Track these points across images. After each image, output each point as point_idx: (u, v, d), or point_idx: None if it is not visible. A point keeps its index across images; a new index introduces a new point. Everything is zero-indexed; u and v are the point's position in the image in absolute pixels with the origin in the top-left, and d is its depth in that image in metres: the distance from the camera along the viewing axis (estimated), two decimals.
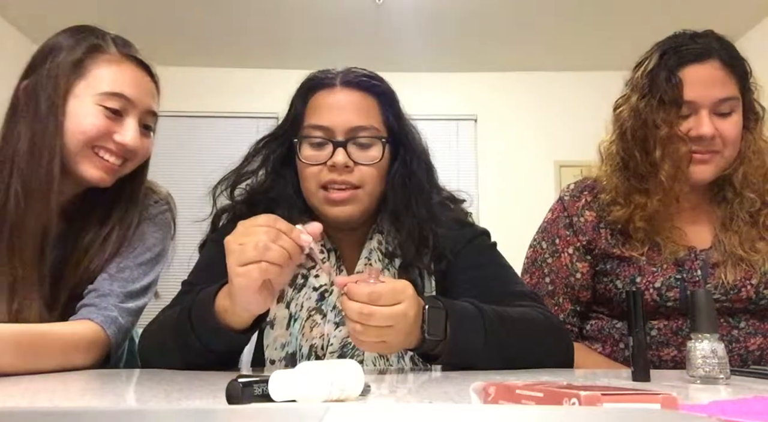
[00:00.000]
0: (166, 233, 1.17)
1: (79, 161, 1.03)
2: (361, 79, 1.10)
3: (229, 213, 1.14)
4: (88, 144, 1.02)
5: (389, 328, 0.79)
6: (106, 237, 1.08)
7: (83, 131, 1.02)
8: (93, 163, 1.04)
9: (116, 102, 1.03)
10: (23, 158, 1.00)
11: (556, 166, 4.81)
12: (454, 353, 0.87)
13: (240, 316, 0.85)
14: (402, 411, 0.45)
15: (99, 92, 1.03)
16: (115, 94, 1.03)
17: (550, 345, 0.97)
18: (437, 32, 4.34)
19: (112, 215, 1.10)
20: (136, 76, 1.07)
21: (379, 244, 1.10)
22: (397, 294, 0.79)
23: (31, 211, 1.00)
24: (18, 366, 0.84)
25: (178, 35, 4.35)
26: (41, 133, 1.00)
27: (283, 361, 1.02)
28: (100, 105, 1.02)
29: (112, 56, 1.05)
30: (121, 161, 1.06)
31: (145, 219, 1.14)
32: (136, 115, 1.06)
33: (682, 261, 1.18)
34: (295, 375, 0.53)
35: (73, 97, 1.02)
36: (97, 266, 1.07)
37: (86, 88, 1.03)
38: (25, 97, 1.03)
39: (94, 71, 1.04)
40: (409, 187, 1.10)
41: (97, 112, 1.02)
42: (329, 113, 1.06)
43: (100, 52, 1.05)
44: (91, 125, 1.02)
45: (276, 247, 0.78)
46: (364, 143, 1.06)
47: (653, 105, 1.14)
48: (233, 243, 0.80)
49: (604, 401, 0.43)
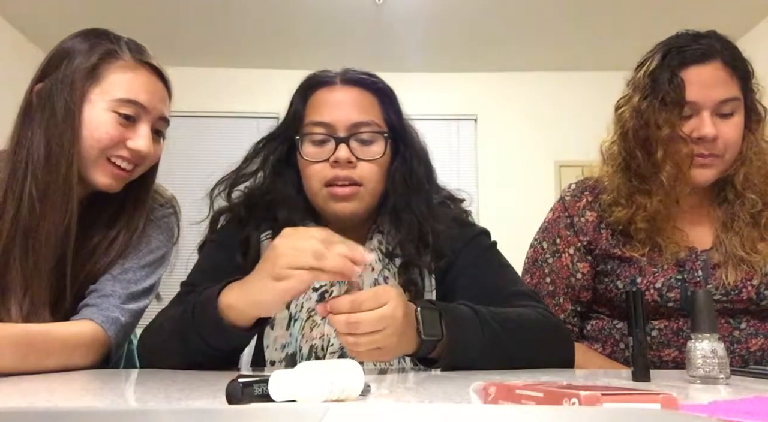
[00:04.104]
0: (170, 236, 1.18)
1: (91, 168, 1.03)
2: (361, 77, 1.11)
3: (227, 214, 1.14)
4: (101, 152, 1.03)
5: (380, 333, 0.78)
6: (113, 241, 1.09)
7: (98, 139, 1.02)
8: (105, 170, 1.04)
9: (130, 108, 1.03)
10: (39, 164, 1.00)
11: (556, 166, 4.81)
12: (453, 354, 0.86)
13: (246, 315, 0.85)
14: (402, 411, 0.45)
15: (113, 98, 1.03)
16: (129, 101, 1.03)
17: (549, 345, 0.97)
18: (437, 32, 4.34)
19: (120, 219, 1.10)
20: (149, 82, 1.07)
21: (379, 244, 1.10)
22: (380, 297, 0.78)
23: (47, 217, 0.99)
24: (18, 366, 0.84)
25: (178, 35, 4.35)
26: (58, 140, 1.00)
27: (283, 362, 1.02)
28: (114, 111, 1.02)
29: (126, 62, 1.05)
30: (132, 167, 1.06)
31: (149, 222, 1.14)
32: (149, 122, 1.06)
33: (683, 262, 1.18)
34: (295, 375, 0.53)
35: (88, 103, 1.02)
36: (100, 268, 1.07)
37: (101, 94, 1.03)
38: (39, 100, 1.02)
39: (108, 77, 1.03)
40: (409, 185, 1.10)
41: (110, 119, 1.02)
42: (330, 110, 1.06)
43: (115, 58, 1.04)
44: (105, 134, 1.02)
45: (334, 256, 0.77)
46: (365, 139, 1.06)
47: (655, 105, 1.14)
48: (285, 247, 0.79)
49: (604, 401, 0.43)
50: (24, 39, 4.05)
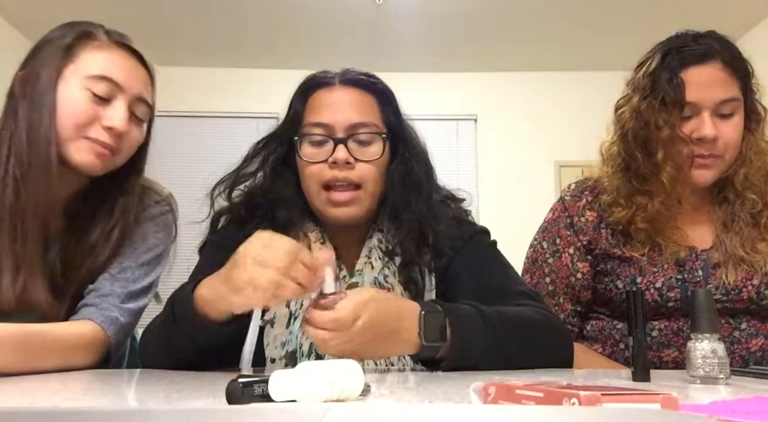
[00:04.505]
0: (168, 234, 1.17)
1: (71, 147, 1.02)
2: (360, 78, 1.11)
3: (227, 214, 1.14)
4: (76, 129, 1.01)
5: (352, 341, 0.80)
6: (110, 231, 1.08)
7: (72, 116, 1.01)
8: (84, 148, 1.02)
9: (103, 86, 1.02)
10: (21, 147, 1.00)
11: (556, 166, 4.81)
12: (456, 356, 0.87)
13: (218, 309, 0.85)
14: (402, 411, 0.45)
15: (87, 75, 1.02)
16: (103, 78, 1.02)
17: (549, 345, 0.97)
18: (437, 32, 4.34)
19: (115, 208, 1.10)
20: (125, 62, 1.06)
21: (379, 243, 1.10)
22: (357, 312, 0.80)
23: (30, 198, 1.00)
24: (18, 366, 0.84)
25: (179, 35, 4.35)
26: (37, 122, 1.00)
27: (284, 360, 1.02)
28: (87, 89, 1.01)
29: (102, 43, 1.05)
30: (112, 146, 1.04)
31: (146, 220, 1.14)
32: (125, 100, 1.04)
33: (683, 262, 1.18)
34: (295, 375, 0.53)
35: (63, 81, 1.02)
36: (100, 261, 1.07)
37: (75, 72, 1.02)
38: (20, 87, 1.03)
39: (82, 55, 1.03)
40: (408, 185, 1.10)
41: (84, 97, 1.01)
42: (329, 110, 1.07)
43: (90, 39, 1.04)
44: (79, 111, 1.01)
45: (291, 285, 0.77)
46: (364, 140, 1.06)
47: (655, 106, 1.14)
48: (249, 258, 0.78)
49: (604, 401, 0.43)
50: (24, 39, 4.05)
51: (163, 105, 1.15)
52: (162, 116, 1.15)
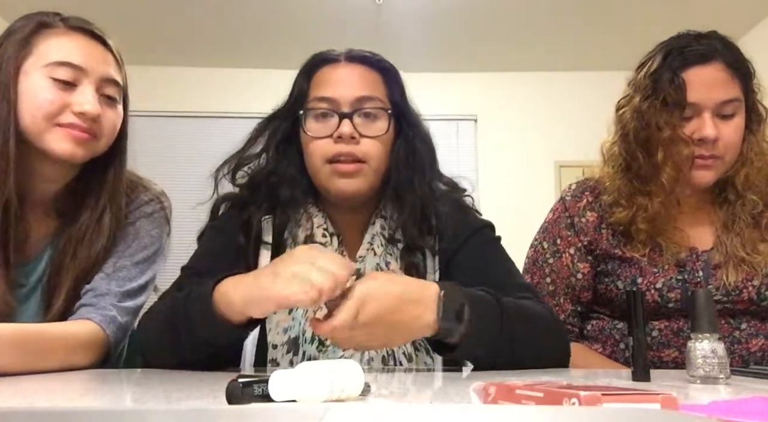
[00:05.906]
0: (162, 231, 1.17)
1: (46, 138, 1.01)
2: (365, 55, 1.12)
3: (228, 201, 1.13)
4: (48, 119, 1.00)
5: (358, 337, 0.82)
6: (100, 217, 1.07)
7: (38, 106, 1.00)
8: (59, 135, 1.01)
9: (66, 71, 1.01)
10: None
11: (556, 166, 4.81)
12: (470, 342, 0.86)
13: (237, 308, 0.84)
14: (402, 411, 0.45)
15: (46, 63, 1.01)
16: (62, 63, 1.01)
17: (550, 342, 0.97)
18: (437, 32, 4.34)
19: (101, 195, 1.09)
20: (85, 45, 1.04)
21: (381, 229, 1.10)
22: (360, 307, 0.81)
23: None
24: (17, 366, 0.84)
25: (179, 35, 4.35)
26: None
27: (286, 346, 1.01)
28: (50, 77, 1.00)
29: (59, 30, 1.04)
30: (88, 129, 1.03)
31: (140, 217, 1.14)
32: (91, 83, 1.03)
33: (684, 262, 1.18)
34: (295, 375, 0.53)
35: (23, 75, 1.01)
36: (94, 253, 1.06)
37: (35, 64, 1.01)
38: None
39: (40, 45, 1.02)
40: (412, 165, 1.09)
41: (47, 84, 1.00)
42: (334, 85, 1.07)
43: (47, 28, 1.03)
44: (44, 99, 1.00)
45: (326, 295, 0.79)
46: (370, 113, 1.06)
47: (656, 106, 1.14)
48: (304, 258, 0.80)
49: (604, 401, 0.43)
50: None
51: (163, 105, 1.15)
52: (162, 116, 1.15)
